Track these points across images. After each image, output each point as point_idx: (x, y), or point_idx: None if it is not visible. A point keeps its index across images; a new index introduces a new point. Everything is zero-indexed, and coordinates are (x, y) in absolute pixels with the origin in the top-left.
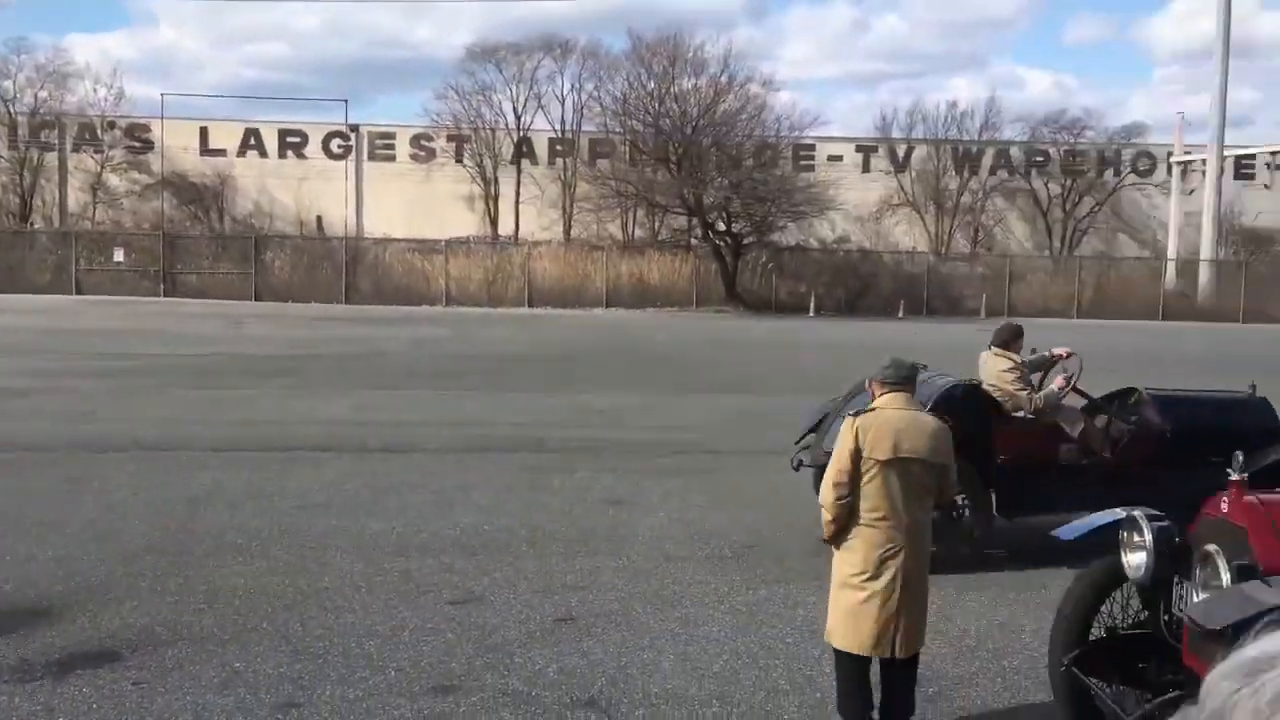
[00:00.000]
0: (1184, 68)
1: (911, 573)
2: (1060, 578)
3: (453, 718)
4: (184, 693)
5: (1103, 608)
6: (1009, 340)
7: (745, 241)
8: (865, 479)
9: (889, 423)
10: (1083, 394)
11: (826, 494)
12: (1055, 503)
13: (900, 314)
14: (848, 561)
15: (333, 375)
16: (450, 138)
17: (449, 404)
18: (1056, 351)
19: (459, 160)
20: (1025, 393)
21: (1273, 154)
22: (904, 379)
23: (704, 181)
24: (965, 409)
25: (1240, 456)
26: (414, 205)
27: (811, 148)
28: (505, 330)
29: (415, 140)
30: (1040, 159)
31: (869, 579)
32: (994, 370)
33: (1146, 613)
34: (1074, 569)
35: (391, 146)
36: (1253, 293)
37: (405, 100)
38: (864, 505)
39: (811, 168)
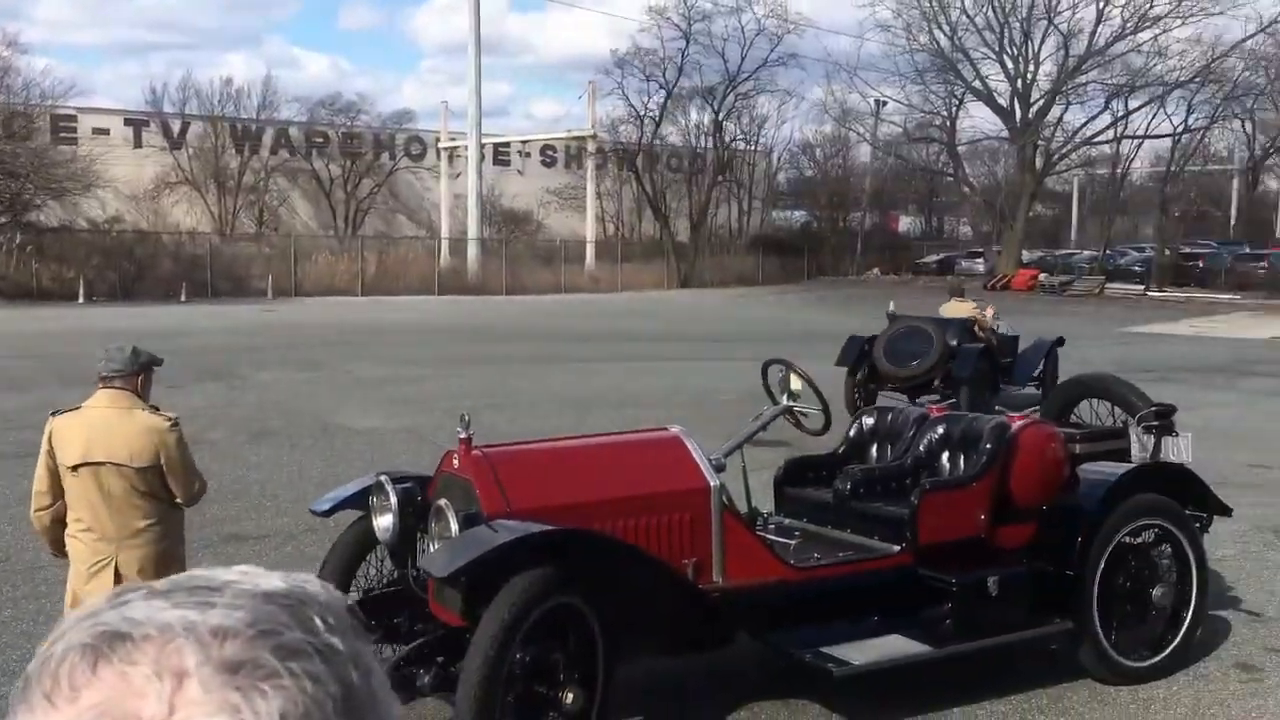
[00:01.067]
0: (447, 59)
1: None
2: None
3: None
4: None
5: (359, 570)
6: (961, 291)
7: None
8: (67, 488)
9: (87, 424)
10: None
11: (32, 503)
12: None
13: (183, 297)
14: (72, 575)
15: None
16: None
17: None
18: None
19: None
20: (988, 314)
21: (523, 143)
22: (116, 373)
23: None
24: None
25: (467, 416)
26: None
27: (73, 119)
28: None
29: None
30: (320, 140)
31: (86, 595)
32: (963, 310)
33: (398, 571)
34: None
35: None
36: (512, 268)
37: None
38: (69, 516)
39: (74, 141)
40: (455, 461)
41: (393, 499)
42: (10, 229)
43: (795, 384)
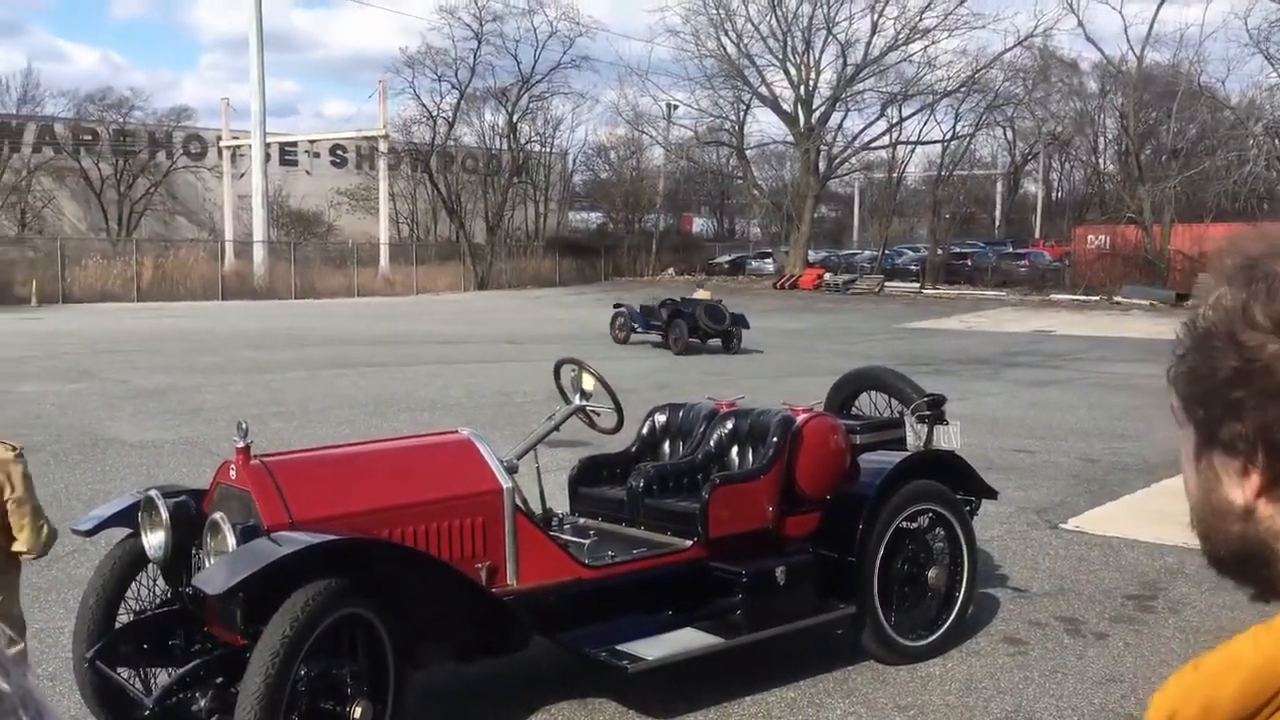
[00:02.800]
0: (228, 55)
1: None
2: None
3: None
4: None
5: (129, 592)
6: (704, 283)
7: None
8: None
9: None
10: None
11: None
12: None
13: None
14: None
15: None
16: None
17: None
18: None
19: None
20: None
21: (312, 142)
22: None
23: None
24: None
25: (245, 424)
26: None
27: None
28: None
29: None
30: (89, 138)
31: None
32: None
33: (172, 591)
34: None
35: None
36: (302, 271)
37: None
38: None
39: None
40: (232, 472)
41: (164, 514)
42: None
43: (588, 383)
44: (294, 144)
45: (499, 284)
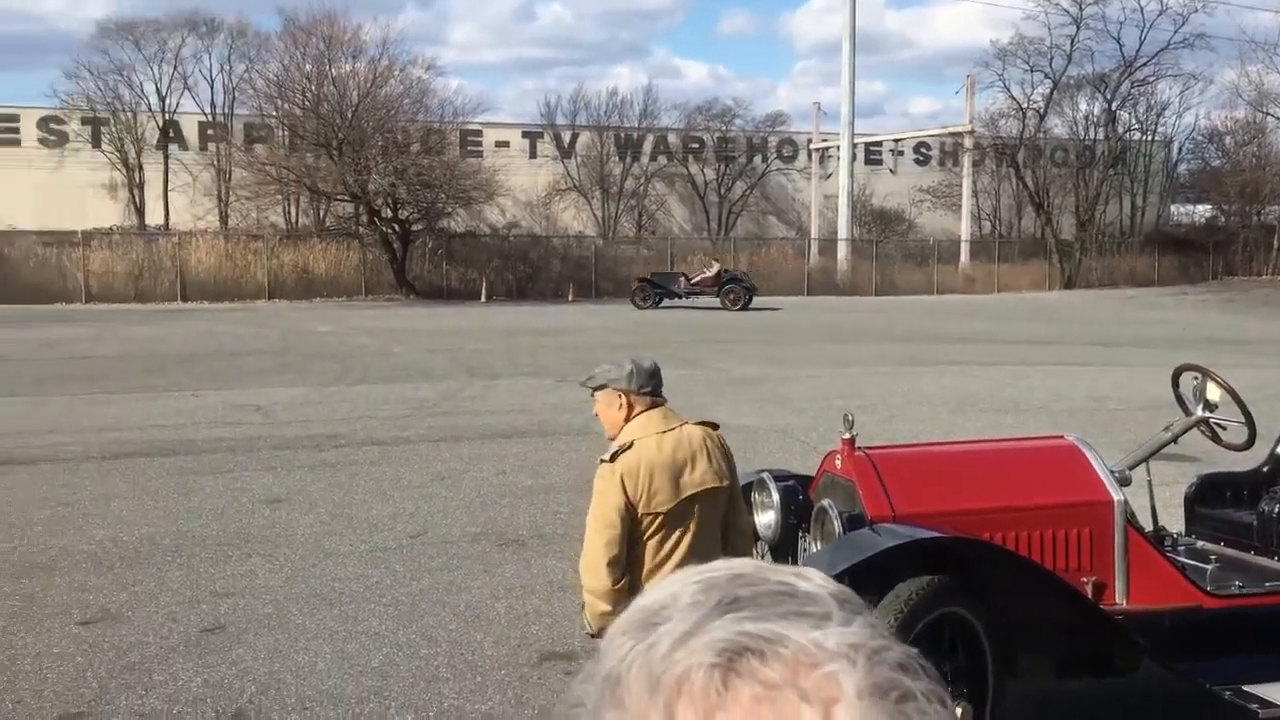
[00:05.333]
0: (821, 60)
1: None
2: None
3: None
4: None
5: None
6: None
7: (414, 228)
8: (647, 535)
9: (660, 453)
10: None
11: (599, 576)
12: None
13: (570, 297)
14: None
15: None
16: (85, 120)
17: (86, 409)
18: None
19: (96, 145)
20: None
21: (896, 141)
22: (657, 388)
23: (368, 167)
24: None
25: (851, 416)
26: (45, 194)
27: (479, 133)
28: (154, 328)
29: (43, 123)
30: (696, 145)
31: None
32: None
33: None
34: None
35: (15, 129)
36: (883, 268)
37: (30, 79)
38: (645, 569)
39: (479, 153)
40: (838, 462)
41: (775, 496)
42: (426, 235)
43: (1213, 393)
44: (879, 143)
45: (1087, 282)
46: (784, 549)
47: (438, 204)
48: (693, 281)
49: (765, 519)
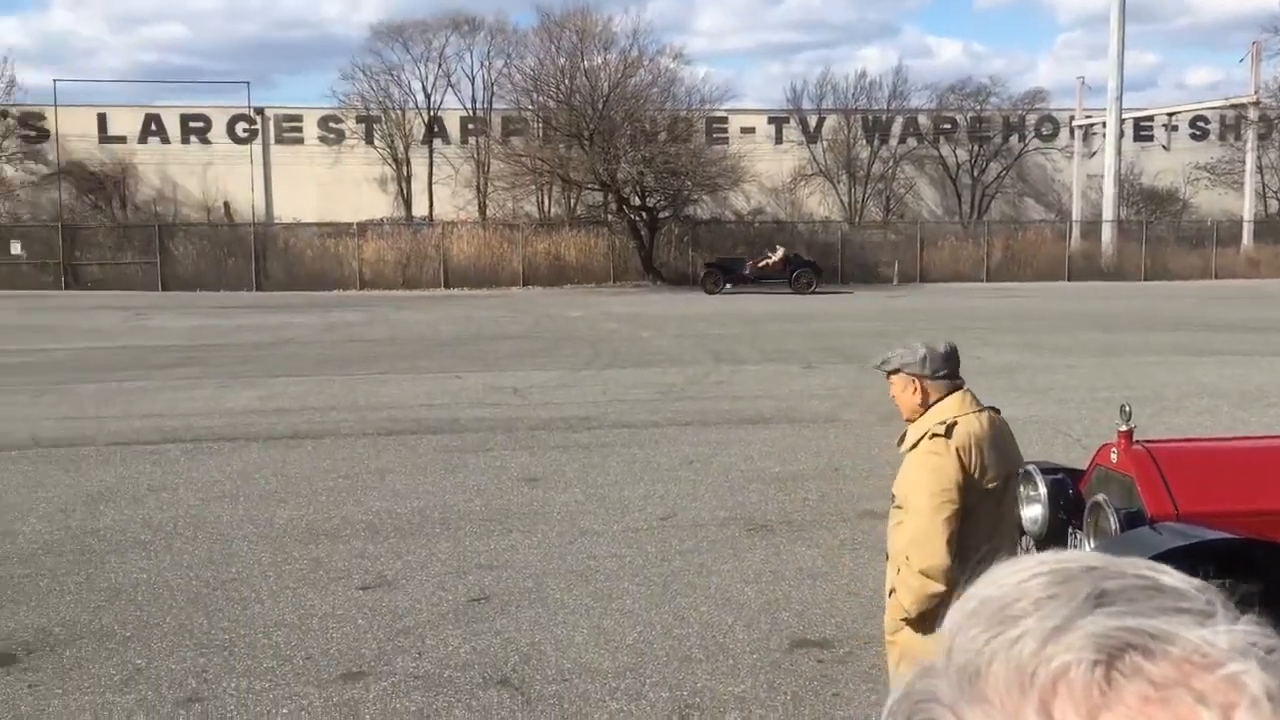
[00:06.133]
0: (1086, 32)
1: None
2: None
3: (362, 704)
4: (82, 693)
5: None
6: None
7: (661, 216)
8: (972, 513)
9: (983, 429)
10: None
11: (937, 553)
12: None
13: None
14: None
15: (238, 364)
16: (360, 119)
17: (362, 388)
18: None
19: (369, 141)
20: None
21: (1170, 115)
22: (956, 368)
23: (617, 157)
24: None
25: (1128, 407)
26: (325, 188)
27: (724, 120)
28: (420, 312)
29: (323, 122)
30: (948, 126)
31: None
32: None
33: None
34: None
35: (299, 129)
36: (1153, 251)
37: (311, 82)
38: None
39: (725, 140)
40: (1113, 456)
41: (1042, 490)
42: (672, 222)
43: None
44: (1150, 118)
45: None
46: (1050, 545)
47: (684, 191)
48: (757, 266)
49: (1031, 513)
